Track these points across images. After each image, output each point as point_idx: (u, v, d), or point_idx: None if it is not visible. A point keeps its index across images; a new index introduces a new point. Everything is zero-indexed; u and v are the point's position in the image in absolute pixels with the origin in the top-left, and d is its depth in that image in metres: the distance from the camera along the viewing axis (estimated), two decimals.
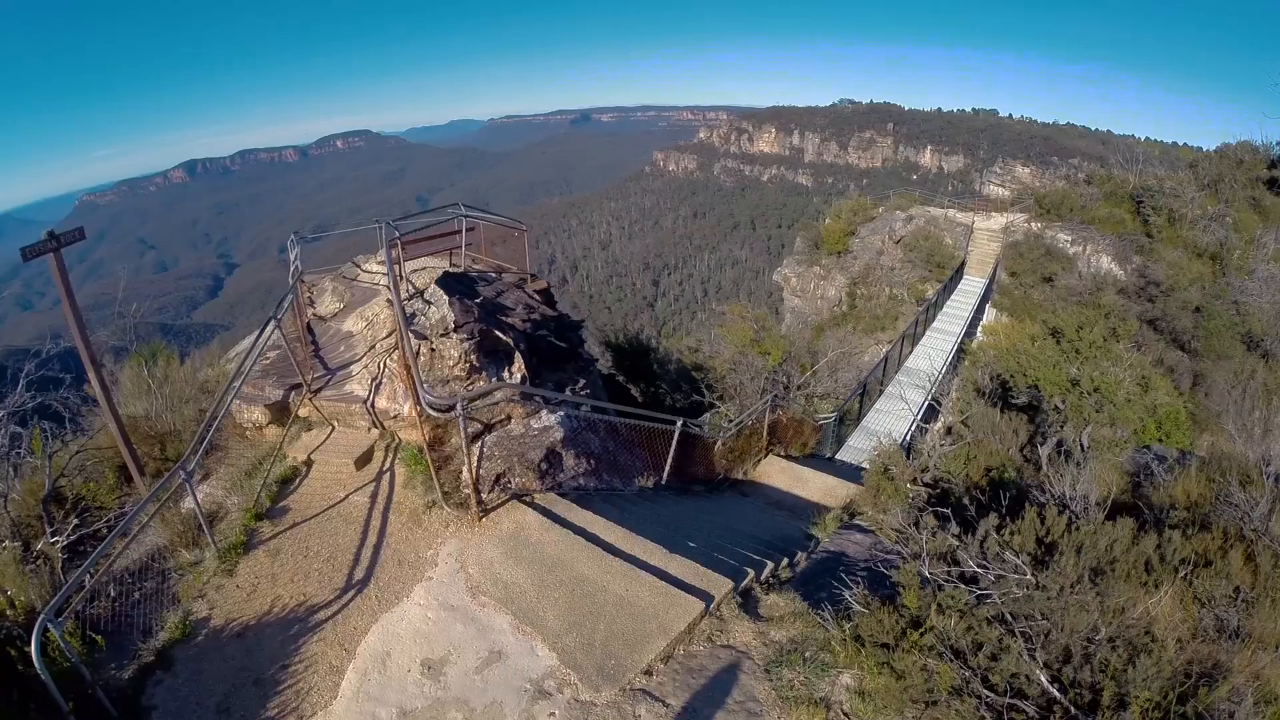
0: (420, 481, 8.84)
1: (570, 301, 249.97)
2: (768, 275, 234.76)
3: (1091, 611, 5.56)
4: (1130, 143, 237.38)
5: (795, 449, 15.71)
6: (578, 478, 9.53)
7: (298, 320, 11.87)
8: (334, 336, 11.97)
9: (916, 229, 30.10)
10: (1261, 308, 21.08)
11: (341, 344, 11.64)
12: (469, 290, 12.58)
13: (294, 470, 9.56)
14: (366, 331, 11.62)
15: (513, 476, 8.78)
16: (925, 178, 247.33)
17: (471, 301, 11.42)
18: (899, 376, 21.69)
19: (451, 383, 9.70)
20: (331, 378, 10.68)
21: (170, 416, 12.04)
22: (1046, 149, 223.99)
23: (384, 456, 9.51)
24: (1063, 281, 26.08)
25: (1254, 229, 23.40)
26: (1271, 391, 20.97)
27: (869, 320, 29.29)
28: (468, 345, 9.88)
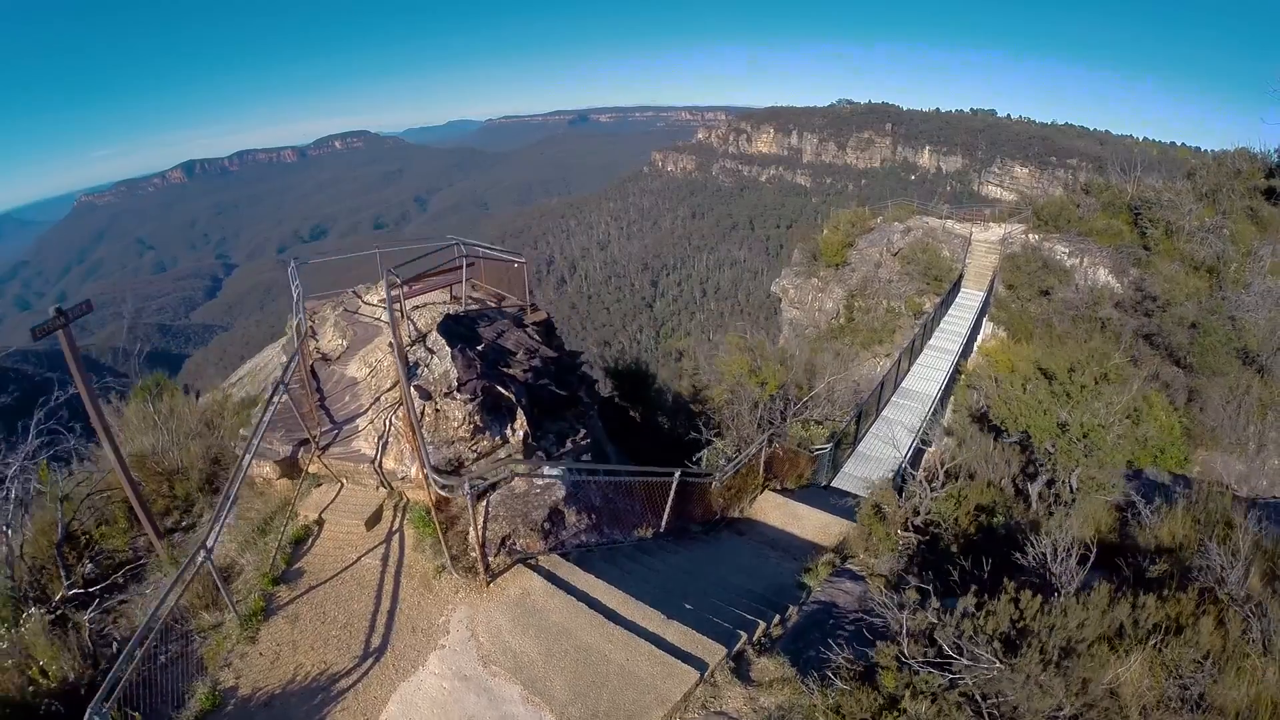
0: (429, 544, 9.10)
1: (569, 302, 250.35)
2: (766, 275, 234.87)
3: (1056, 694, 5.98)
4: (1129, 143, 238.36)
5: (791, 481, 15.96)
6: (579, 534, 9.76)
7: (302, 365, 11.86)
8: (338, 383, 12.13)
9: (914, 241, 30.15)
10: (1257, 323, 21.20)
11: (346, 392, 11.81)
12: (470, 333, 12.77)
13: (306, 530, 9.81)
14: (370, 380, 11.76)
15: (517, 538, 9.01)
16: (924, 178, 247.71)
17: (474, 352, 11.59)
18: (895, 399, 21.77)
19: (456, 444, 9.84)
20: (338, 433, 10.87)
21: (177, 453, 12.25)
22: (1045, 149, 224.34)
23: (393, 516, 9.73)
24: (1060, 294, 26.09)
25: (1251, 241, 23.39)
26: (1266, 406, 21.12)
27: (867, 334, 29.45)
28: (471, 407, 10.03)
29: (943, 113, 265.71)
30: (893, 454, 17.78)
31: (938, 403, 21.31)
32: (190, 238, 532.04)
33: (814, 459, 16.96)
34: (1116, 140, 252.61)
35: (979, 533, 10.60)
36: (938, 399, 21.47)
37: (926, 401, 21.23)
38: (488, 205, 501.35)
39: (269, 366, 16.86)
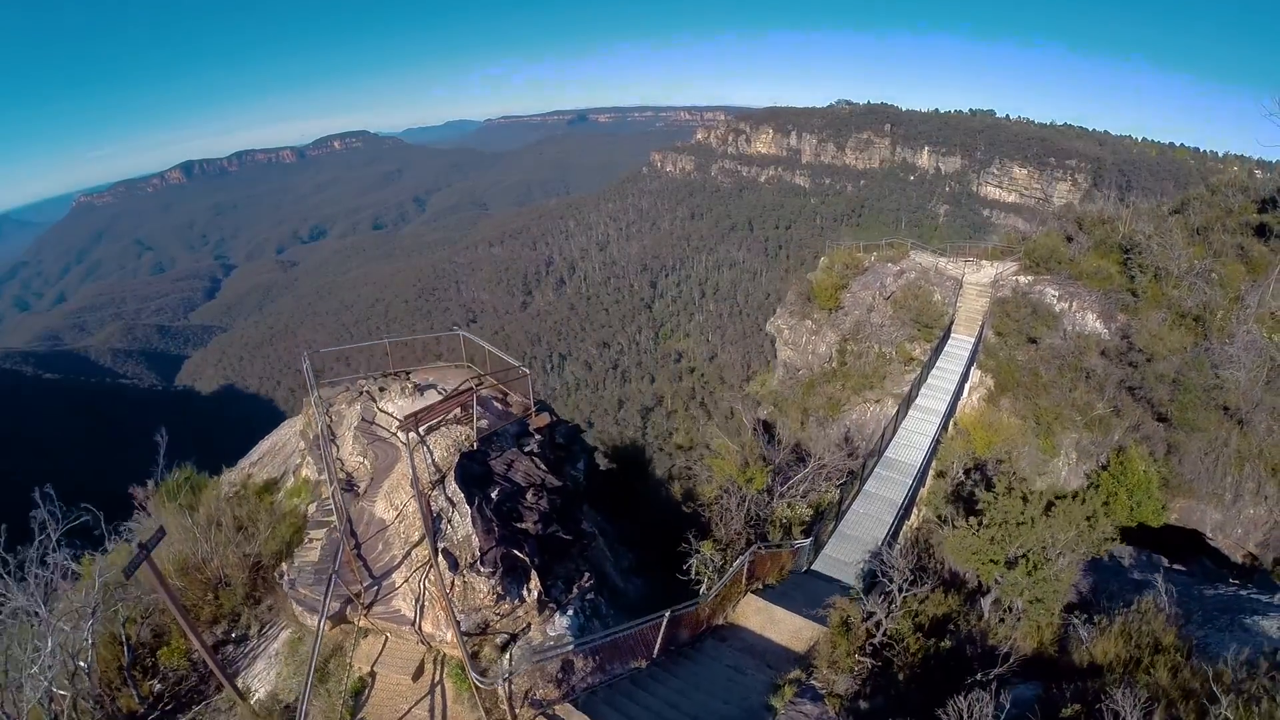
0: (467, 698, 10.32)
1: (568, 303, 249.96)
2: (765, 276, 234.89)
3: None
4: (1128, 144, 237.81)
5: (773, 576, 16.55)
6: (586, 678, 11.10)
7: (337, 518, 12.67)
8: (370, 525, 12.98)
9: (907, 284, 30.08)
10: (1237, 379, 21.34)
11: (378, 539, 12.70)
12: (484, 470, 13.42)
13: (361, 681, 10.88)
14: (399, 526, 12.69)
15: (536, 689, 10.34)
16: (922, 179, 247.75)
17: (490, 509, 12.34)
18: (879, 470, 21.91)
19: (483, 610, 11.14)
20: (378, 590, 11.81)
21: (218, 562, 13.07)
22: (1044, 150, 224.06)
23: (434, 670, 11.00)
24: (1047, 341, 26.25)
25: (1240, 284, 23.08)
26: (1244, 459, 21.41)
27: (858, 379, 29.73)
28: (494, 580, 11.21)
29: (942, 113, 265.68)
30: (873, 534, 18.29)
31: (921, 472, 21.47)
32: (189, 238, 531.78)
33: (795, 552, 17.41)
34: (1116, 140, 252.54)
35: (927, 659, 11.49)
36: (921, 469, 21.62)
37: (910, 473, 21.40)
38: (487, 205, 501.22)
39: (287, 447, 17.58)
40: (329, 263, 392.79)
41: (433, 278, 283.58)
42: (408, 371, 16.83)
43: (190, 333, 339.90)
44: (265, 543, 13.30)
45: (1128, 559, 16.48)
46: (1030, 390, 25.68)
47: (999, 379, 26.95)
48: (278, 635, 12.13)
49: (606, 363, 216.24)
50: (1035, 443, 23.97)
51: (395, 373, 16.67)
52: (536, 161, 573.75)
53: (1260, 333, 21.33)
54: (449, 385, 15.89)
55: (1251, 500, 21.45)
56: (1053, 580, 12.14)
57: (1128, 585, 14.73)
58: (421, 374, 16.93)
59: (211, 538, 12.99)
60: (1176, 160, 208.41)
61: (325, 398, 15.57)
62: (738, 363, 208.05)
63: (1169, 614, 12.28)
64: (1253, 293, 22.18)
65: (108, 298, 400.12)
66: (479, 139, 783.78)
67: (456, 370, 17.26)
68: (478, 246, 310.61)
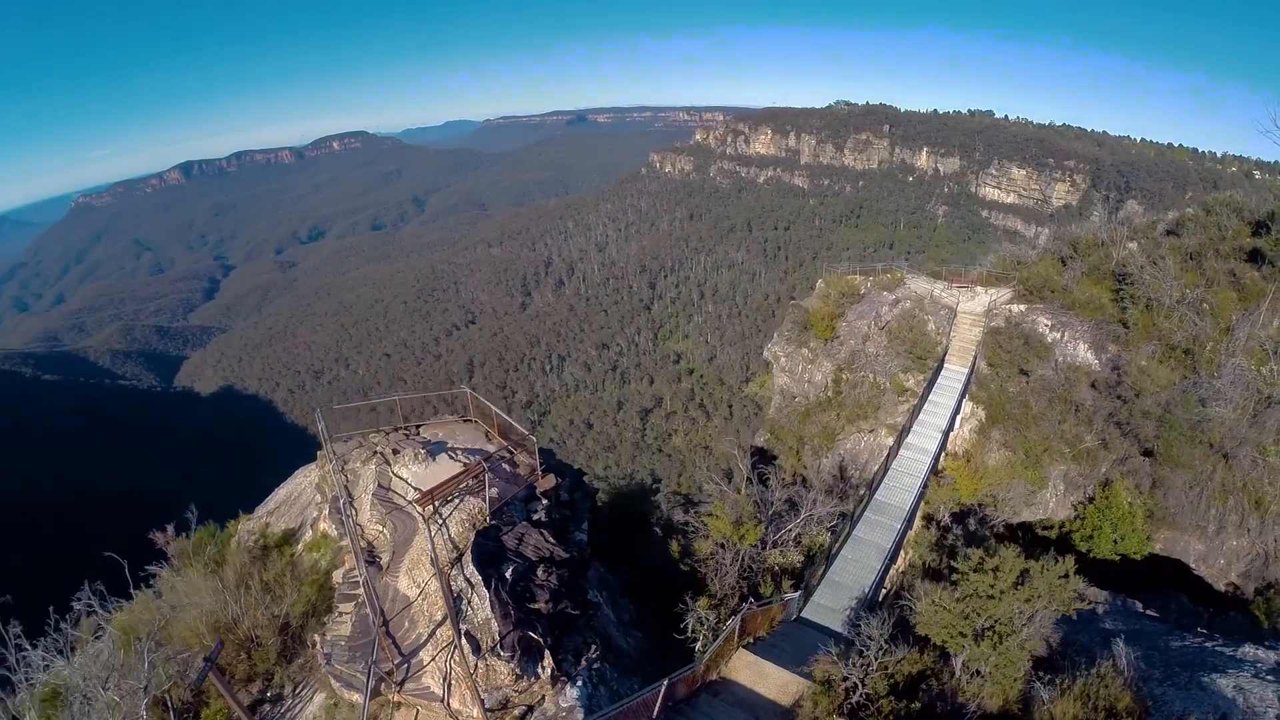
0: None
1: (567, 304, 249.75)
2: (764, 278, 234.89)
3: None
4: (1126, 144, 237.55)
5: (764, 628, 17.09)
6: None
7: (368, 598, 13.21)
8: (395, 601, 13.64)
9: (902, 313, 30.18)
10: (1222, 417, 21.60)
11: (404, 616, 13.37)
12: (497, 547, 14.13)
13: None
14: (422, 603, 13.36)
15: None
16: (921, 180, 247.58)
17: (506, 591, 13.11)
18: (869, 514, 22.32)
19: (504, 688, 12.11)
20: (408, 667, 12.58)
21: (249, 622, 13.69)
22: (1042, 151, 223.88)
23: None
24: (1038, 373, 26.60)
25: (1231, 314, 23.10)
26: (1229, 492, 21.62)
27: (853, 408, 30.10)
28: (514, 663, 12.17)
29: (940, 114, 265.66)
30: (860, 582, 18.92)
31: (909, 515, 21.88)
32: (188, 239, 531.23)
33: (785, 604, 17.90)
34: (1115, 141, 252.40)
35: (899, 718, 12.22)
36: (909, 512, 22.01)
37: (899, 516, 21.79)
38: (485, 206, 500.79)
39: (303, 498, 18.07)
40: (328, 263, 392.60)
41: (432, 278, 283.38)
42: (418, 425, 17.53)
43: (189, 333, 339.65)
44: (293, 605, 14.08)
45: (1102, 605, 16.87)
46: (1021, 422, 25.90)
47: (990, 411, 27.15)
48: (312, 698, 12.75)
49: (605, 364, 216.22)
50: (1023, 475, 24.30)
51: (405, 428, 17.31)
52: (535, 161, 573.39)
53: (1248, 366, 21.39)
54: (459, 442, 16.59)
55: (1235, 532, 21.78)
56: (1016, 649, 12.79)
57: (1097, 638, 15.13)
58: (431, 429, 17.53)
59: (241, 600, 13.67)
60: (1175, 161, 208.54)
61: (340, 453, 16.17)
62: (736, 364, 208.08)
63: (1127, 677, 12.74)
64: (1243, 324, 22.17)
65: (106, 298, 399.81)
66: (478, 139, 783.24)
67: (465, 425, 17.96)
68: (477, 247, 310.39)
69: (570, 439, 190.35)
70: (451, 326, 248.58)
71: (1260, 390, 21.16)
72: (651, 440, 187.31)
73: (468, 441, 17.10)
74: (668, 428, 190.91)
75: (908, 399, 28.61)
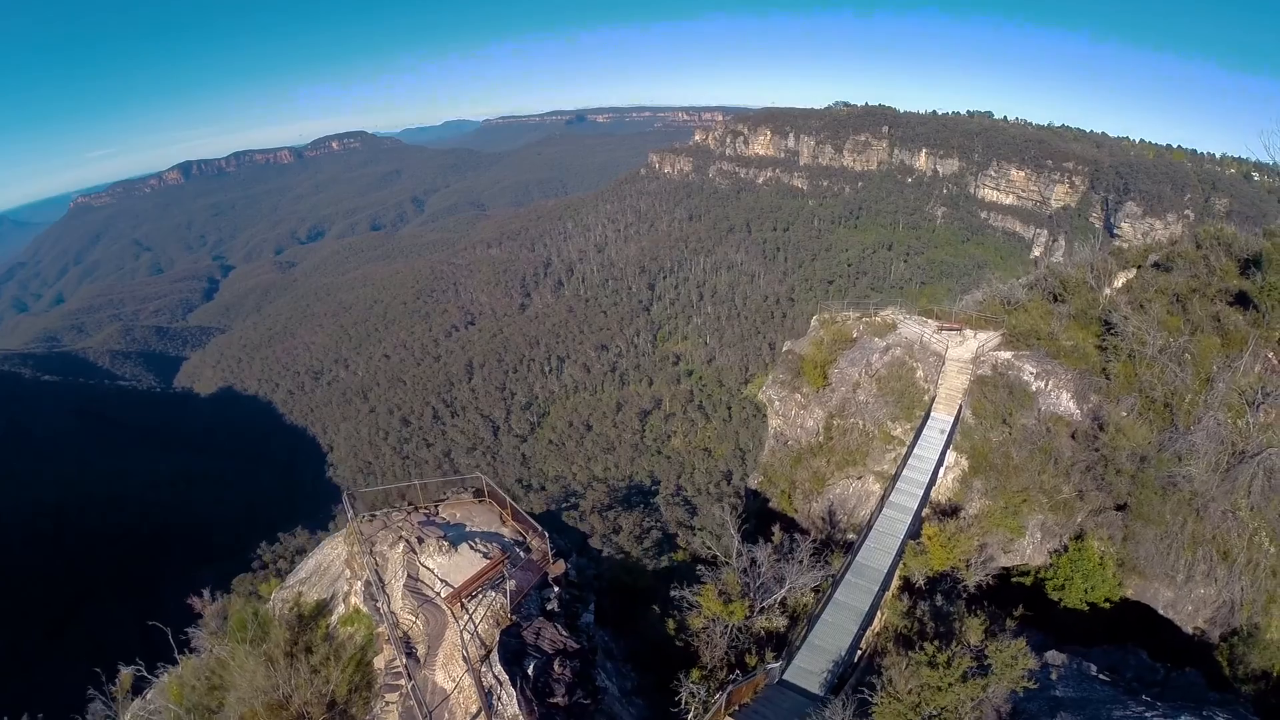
0: None
1: (566, 305, 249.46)
2: (763, 279, 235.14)
3: None
4: (1125, 145, 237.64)
5: (748, 695, 17.97)
6: None
7: (415, 699, 14.21)
8: (434, 693, 14.78)
9: (892, 360, 31.07)
10: (1195, 474, 22.09)
11: (444, 709, 14.46)
12: (519, 644, 15.42)
13: None
14: (458, 696, 14.49)
15: None
16: (920, 181, 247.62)
17: (529, 689, 14.32)
18: (849, 576, 23.08)
19: None
20: None
21: (299, 700, 14.46)
22: (1041, 153, 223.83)
23: None
24: (1021, 422, 27.34)
25: (1212, 363, 23.72)
26: (1198, 543, 22.18)
27: (842, 454, 31.13)
28: None
29: (939, 115, 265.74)
30: (839, 645, 19.83)
31: (887, 577, 22.66)
32: (187, 239, 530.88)
33: (767, 673, 18.75)
34: (1114, 142, 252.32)
35: None
36: (887, 574, 22.80)
37: (877, 579, 22.56)
38: (484, 206, 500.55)
39: (332, 569, 19.13)
40: (327, 263, 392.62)
41: (431, 279, 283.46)
42: (437, 503, 18.97)
43: (188, 334, 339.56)
44: (339, 684, 15.00)
45: (1057, 669, 17.45)
46: (1002, 473, 26.51)
47: (973, 460, 27.75)
48: None
49: (605, 365, 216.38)
50: (1003, 524, 25.10)
51: (426, 508, 18.75)
52: (534, 161, 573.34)
53: (1225, 419, 21.81)
54: (475, 524, 18.21)
55: (1202, 581, 22.42)
56: None
57: (1045, 706, 15.66)
58: (449, 509, 19.01)
59: (290, 678, 14.55)
60: (1174, 163, 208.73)
61: (366, 534, 17.38)
62: (735, 366, 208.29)
63: None
64: (1223, 374, 22.52)
65: (106, 299, 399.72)
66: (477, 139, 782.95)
67: (479, 506, 19.43)
68: (476, 248, 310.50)
69: (570, 440, 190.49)
70: (451, 327, 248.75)
71: (1235, 444, 21.54)
72: (650, 442, 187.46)
73: (484, 524, 18.50)
74: (667, 429, 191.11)
75: (895, 447, 29.32)
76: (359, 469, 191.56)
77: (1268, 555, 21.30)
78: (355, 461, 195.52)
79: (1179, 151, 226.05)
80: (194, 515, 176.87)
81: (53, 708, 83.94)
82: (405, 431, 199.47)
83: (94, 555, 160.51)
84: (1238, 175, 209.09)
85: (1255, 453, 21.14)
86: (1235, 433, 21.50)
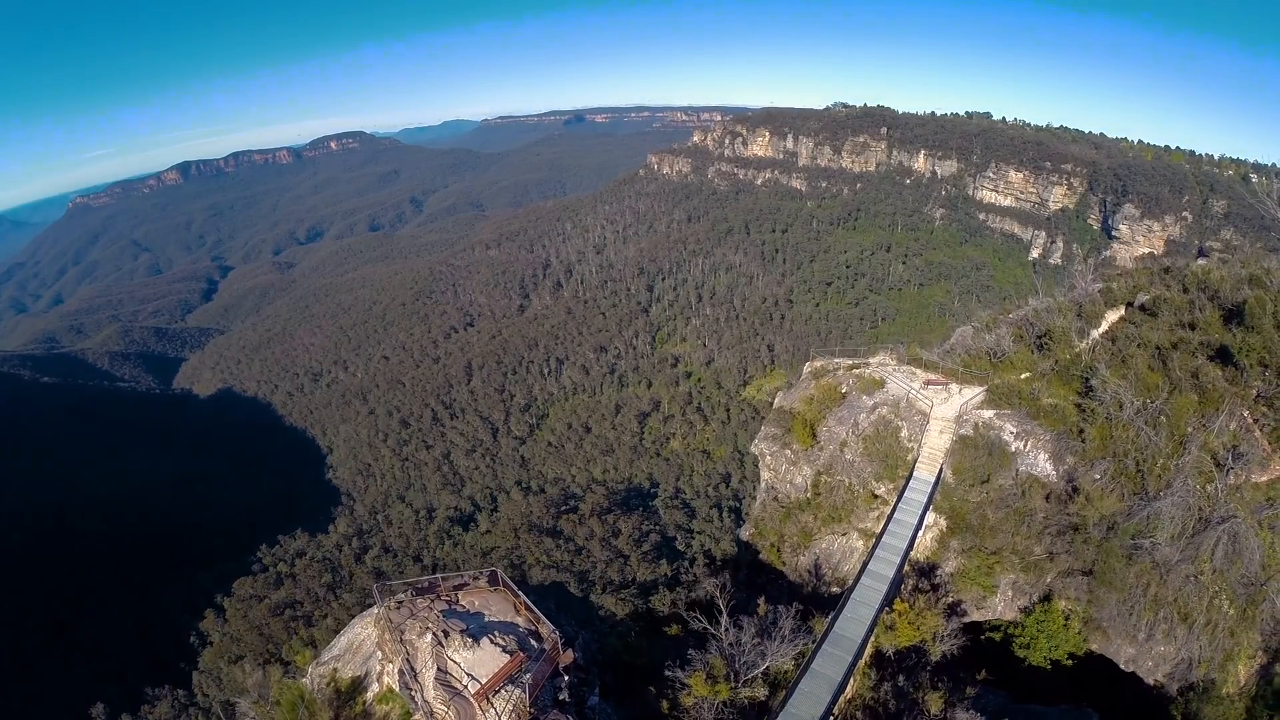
0: None
1: (565, 307, 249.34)
2: (761, 281, 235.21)
3: None
4: (1124, 146, 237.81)
5: None
6: None
7: None
8: None
9: (879, 419, 32.21)
10: (1162, 543, 22.64)
11: None
12: None
13: None
14: None
15: None
16: (919, 182, 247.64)
17: None
18: (827, 647, 23.69)
19: None
20: None
21: None
22: (1040, 154, 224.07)
23: None
24: (998, 482, 28.09)
25: (1187, 422, 24.12)
26: (1160, 605, 22.95)
27: (829, 511, 32.43)
28: None
29: (938, 116, 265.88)
30: (813, 713, 20.77)
31: (860, 646, 23.40)
32: (186, 239, 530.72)
33: None
34: (1112, 144, 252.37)
35: None
36: (861, 643, 23.50)
37: (852, 649, 23.27)
38: (483, 206, 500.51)
39: (364, 647, 20.48)
40: (326, 264, 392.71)
41: (430, 280, 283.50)
42: (457, 589, 20.96)
43: (187, 335, 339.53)
44: None
45: None
46: (978, 533, 27.31)
47: (951, 521, 28.47)
48: None
49: (604, 367, 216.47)
50: (977, 582, 26.28)
51: (448, 596, 20.63)
52: (533, 162, 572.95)
53: (1194, 485, 22.28)
54: (493, 614, 20.08)
55: (1163, 639, 23.23)
56: None
57: None
58: (468, 597, 20.78)
59: None
60: (1172, 165, 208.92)
61: (396, 622, 19.00)
62: (734, 368, 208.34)
63: None
64: (1196, 436, 22.95)
65: (105, 299, 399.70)
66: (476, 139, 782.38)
67: (495, 596, 21.43)
68: (475, 249, 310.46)
69: (569, 442, 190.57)
70: (450, 329, 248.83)
71: (1201, 510, 22.02)
72: (649, 444, 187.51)
73: (500, 613, 20.36)
74: (665, 431, 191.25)
75: (879, 506, 30.26)
76: (358, 471, 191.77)
77: (1226, 617, 22.03)
78: (355, 464, 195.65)
79: (1178, 153, 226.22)
80: (193, 517, 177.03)
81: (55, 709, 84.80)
82: (405, 433, 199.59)
83: (94, 557, 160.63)
84: (1236, 177, 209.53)
85: (1221, 520, 21.71)
86: (1203, 498, 22.02)
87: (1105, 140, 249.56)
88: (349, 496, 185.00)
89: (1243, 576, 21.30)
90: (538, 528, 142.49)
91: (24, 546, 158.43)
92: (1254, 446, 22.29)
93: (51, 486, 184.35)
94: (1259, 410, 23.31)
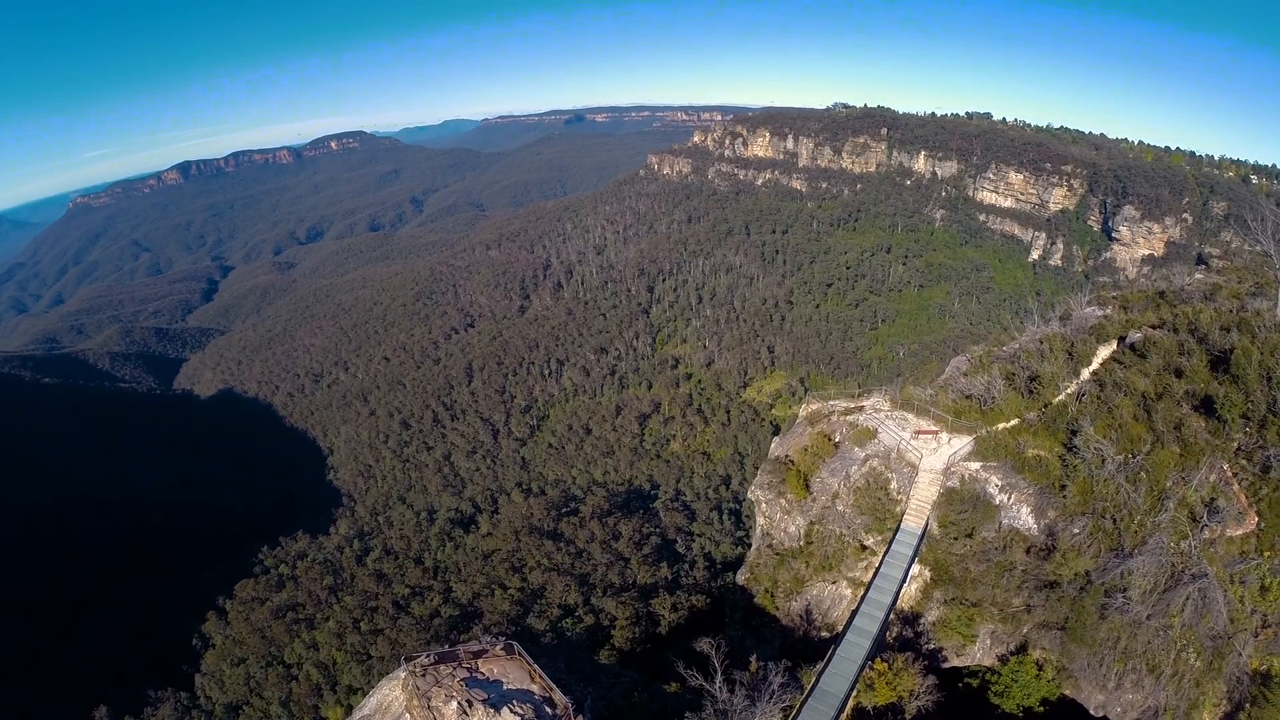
0: None
1: (565, 307, 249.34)
2: (761, 282, 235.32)
3: None
4: (1124, 147, 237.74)
5: None
6: None
7: None
8: None
9: (869, 470, 32.96)
10: (1134, 600, 23.16)
11: None
12: None
13: None
14: None
15: None
16: (919, 183, 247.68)
17: None
18: (812, 702, 24.54)
19: None
20: None
21: None
22: (1040, 155, 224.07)
23: None
24: (981, 535, 28.65)
25: (1166, 476, 24.20)
26: (1130, 656, 23.88)
27: (820, 559, 33.47)
28: None
29: (938, 116, 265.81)
30: None
31: (843, 702, 24.39)
32: (186, 239, 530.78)
33: None
34: (1112, 145, 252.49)
35: None
36: (843, 700, 24.44)
37: (834, 705, 24.22)
38: (483, 206, 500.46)
39: (394, 708, 21.50)
40: (326, 264, 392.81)
41: (430, 281, 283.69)
42: (477, 656, 22.54)
43: (188, 335, 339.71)
44: None
45: None
46: (960, 584, 28.22)
47: (935, 572, 29.29)
48: None
49: (604, 368, 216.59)
50: (958, 631, 27.44)
51: (469, 665, 22.21)
52: (533, 161, 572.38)
53: (1168, 542, 22.75)
54: (511, 682, 21.56)
55: (1131, 689, 24.22)
56: None
57: None
58: (487, 664, 22.33)
59: None
60: (1172, 166, 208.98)
61: (422, 689, 20.32)
62: (734, 369, 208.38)
63: None
64: (1174, 491, 23.43)
65: (105, 299, 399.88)
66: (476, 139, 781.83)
67: (511, 663, 22.73)
68: (475, 249, 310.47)
69: (569, 444, 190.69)
70: (450, 330, 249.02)
71: (1174, 566, 22.54)
72: (649, 446, 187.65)
73: (516, 680, 21.82)
74: (666, 433, 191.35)
75: (868, 557, 31.15)
76: (359, 472, 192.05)
77: (1192, 669, 22.77)
78: (356, 465, 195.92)
79: (1178, 154, 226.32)
80: (194, 518, 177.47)
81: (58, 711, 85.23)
82: (405, 435, 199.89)
83: (95, 558, 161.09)
84: (1236, 178, 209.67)
85: (1192, 578, 22.27)
86: (1176, 555, 22.61)
87: (1105, 141, 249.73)
88: (350, 498, 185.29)
89: (1210, 630, 21.98)
90: (538, 530, 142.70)
91: (25, 548, 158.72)
92: (1231, 501, 22.80)
93: (52, 487, 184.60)
94: (1238, 465, 23.81)
